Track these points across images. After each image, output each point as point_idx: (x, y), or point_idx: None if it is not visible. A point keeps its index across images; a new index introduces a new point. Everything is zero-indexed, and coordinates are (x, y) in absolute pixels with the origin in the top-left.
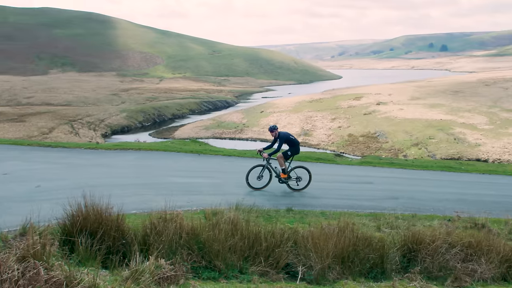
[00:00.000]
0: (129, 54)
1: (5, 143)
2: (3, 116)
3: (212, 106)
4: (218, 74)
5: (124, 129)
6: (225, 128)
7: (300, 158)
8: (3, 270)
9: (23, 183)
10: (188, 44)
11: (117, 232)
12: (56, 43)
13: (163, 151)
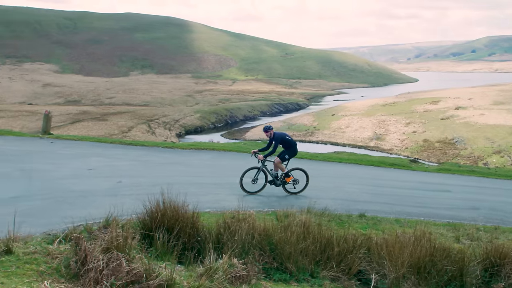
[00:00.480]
0: (204, 57)
1: (90, 140)
2: (87, 115)
3: (283, 108)
4: (290, 77)
5: (197, 129)
6: (295, 130)
7: (373, 163)
8: (90, 260)
9: (106, 178)
10: (261, 47)
11: (192, 229)
12: (137, 47)
13: (236, 151)
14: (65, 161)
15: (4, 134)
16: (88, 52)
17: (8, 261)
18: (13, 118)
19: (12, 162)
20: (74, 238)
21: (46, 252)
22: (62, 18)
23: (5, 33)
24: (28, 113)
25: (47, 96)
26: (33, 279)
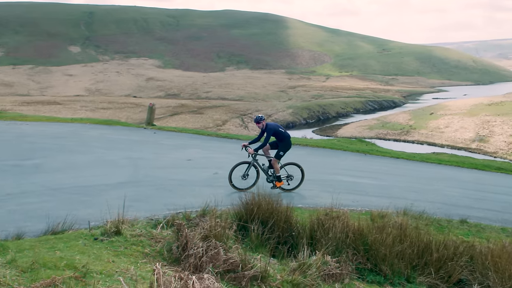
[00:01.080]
0: (299, 53)
1: (189, 132)
2: (185, 108)
3: (378, 105)
4: (386, 73)
5: (289, 125)
6: (390, 129)
7: (477, 166)
8: (190, 246)
9: (204, 169)
10: (357, 43)
11: (286, 223)
12: (234, 43)
13: (329, 148)
14: (166, 151)
15: (113, 124)
16: (188, 48)
17: (117, 242)
18: (119, 109)
19: (120, 150)
20: (176, 225)
21: (150, 235)
22: (166, 16)
23: (115, 31)
24: (133, 105)
25: (149, 89)
26: (139, 260)
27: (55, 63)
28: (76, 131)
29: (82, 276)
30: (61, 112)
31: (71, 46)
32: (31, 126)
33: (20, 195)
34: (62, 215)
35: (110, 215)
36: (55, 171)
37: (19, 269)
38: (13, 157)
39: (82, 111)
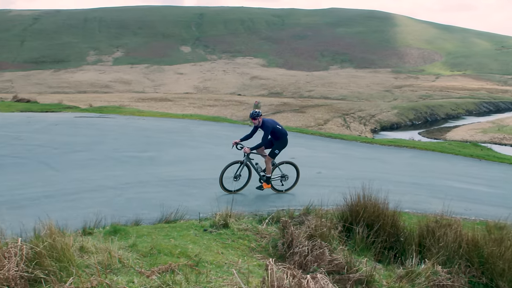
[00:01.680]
0: (406, 51)
1: (292, 131)
2: (287, 106)
3: (493, 107)
4: (505, 73)
5: (393, 126)
6: (507, 133)
7: None
8: (295, 244)
9: (307, 168)
10: (472, 39)
11: (392, 228)
12: (339, 41)
13: (439, 152)
14: None
15: (220, 121)
16: (292, 47)
17: (225, 234)
18: (224, 107)
19: (227, 146)
20: (282, 222)
21: (256, 231)
22: (271, 16)
23: (223, 31)
24: (237, 102)
25: (253, 87)
26: (246, 253)
27: (168, 62)
28: (187, 127)
29: (195, 264)
30: (171, 108)
31: (182, 46)
32: (147, 121)
33: (137, 184)
34: (174, 206)
35: (218, 208)
36: (168, 164)
37: (139, 253)
38: (132, 149)
39: (190, 108)
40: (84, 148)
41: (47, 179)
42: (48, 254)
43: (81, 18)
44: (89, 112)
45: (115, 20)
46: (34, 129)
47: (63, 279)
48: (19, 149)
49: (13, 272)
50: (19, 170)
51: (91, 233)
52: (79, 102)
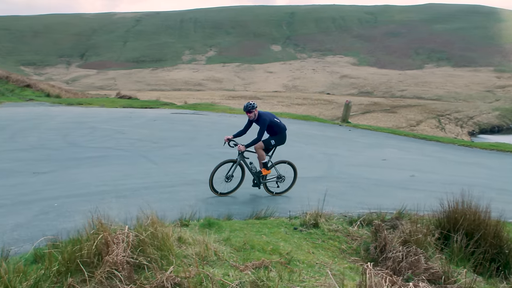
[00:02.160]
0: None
1: (384, 131)
2: (378, 106)
3: None
4: None
5: (494, 128)
6: None
7: None
8: (389, 249)
9: (399, 170)
10: None
11: (495, 239)
12: (435, 38)
13: None
14: (361, 149)
15: (310, 120)
16: (385, 45)
17: (315, 234)
18: (313, 105)
19: (316, 146)
20: (374, 225)
21: (347, 232)
22: (364, 13)
23: (313, 29)
24: (325, 101)
25: (343, 86)
26: (336, 254)
27: (258, 61)
28: None
29: (287, 262)
30: (260, 106)
31: (273, 45)
32: (238, 118)
33: None
34: (264, 203)
35: (308, 207)
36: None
37: (233, 247)
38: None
39: (278, 106)
40: (179, 143)
41: (146, 172)
42: (150, 243)
43: (178, 19)
44: (184, 109)
45: (209, 20)
46: (135, 124)
47: (163, 267)
48: (122, 142)
49: (120, 257)
50: (121, 162)
51: (187, 224)
52: (174, 99)
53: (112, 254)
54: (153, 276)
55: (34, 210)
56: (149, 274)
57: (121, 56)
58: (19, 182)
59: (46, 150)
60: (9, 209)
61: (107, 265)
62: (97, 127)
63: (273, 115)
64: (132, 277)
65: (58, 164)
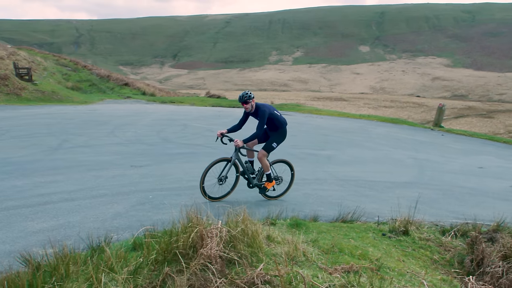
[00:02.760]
0: None
1: (481, 137)
2: (472, 110)
3: None
4: None
5: None
6: None
7: None
8: (486, 263)
9: (497, 180)
10: None
11: None
12: None
13: None
14: (455, 155)
15: (399, 123)
16: (483, 46)
17: (405, 242)
18: (401, 108)
19: (405, 150)
20: (471, 237)
21: (439, 242)
22: (460, 12)
23: (404, 29)
24: (415, 104)
25: (434, 89)
26: (428, 265)
27: (345, 62)
28: (364, 127)
29: (377, 268)
30: (345, 108)
31: (361, 45)
32: (324, 120)
33: (314, 181)
34: (350, 206)
35: (398, 213)
36: (344, 163)
37: (320, 249)
38: (310, 146)
39: (364, 108)
40: None
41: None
42: (241, 239)
43: (267, 20)
44: None
45: (297, 21)
46: (223, 122)
47: (253, 264)
48: (211, 140)
49: (214, 251)
50: (210, 159)
51: (274, 223)
52: (260, 99)
53: (206, 247)
54: (244, 272)
55: (131, 201)
56: (240, 269)
57: (210, 56)
58: (118, 174)
59: (142, 145)
60: (109, 199)
61: (202, 257)
62: (188, 125)
63: (273, 107)
64: (224, 271)
65: (153, 158)
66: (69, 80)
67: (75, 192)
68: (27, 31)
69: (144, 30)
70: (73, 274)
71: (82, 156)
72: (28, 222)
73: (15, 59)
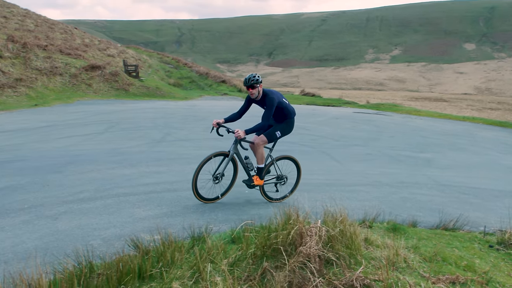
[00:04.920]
0: None
1: None
2: None
3: None
4: None
5: None
6: None
7: None
8: None
9: None
10: None
11: None
12: None
13: None
14: None
15: (508, 127)
16: None
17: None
18: (510, 111)
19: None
20: None
21: None
22: None
23: None
24: None
25: None
26: None
27: (447, 61)
28: (468, 130)
29: (485, 282)
30: (446, 109)
31: (466, 43)
32: (424, 121)
33: (413, 185)
34: (451, 213)
35: (508, 224)
36: (445, 168)
37: (422, 256)
38: (408, 148)
39: (467, 110)
40: (361, 143)
41: (328, 169)
42: (339, 240)
43: (364, 17)
44: (366, 108)
45: (396, 18)
46: (318, 121)
47: (351, 266)
48: (305, 138)
49: (313, 249)
50: (305, 157)
51: (371, 226)
52: (354, 98)
53: (305, 245)
54: (341, 273)
55: (228, 195)
56: (337, 270)
57: (305, 55)
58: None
59: None
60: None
61: (301, 255)
62: None
63: (281, 95)
64: (322, 270)
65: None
66: (171, 77)
67: (176, 183)
68: (135, 30)
69: (241, 29)
70: (178, 261)
71: (182, 149)
72: (135, 209)
73: (124, 57)
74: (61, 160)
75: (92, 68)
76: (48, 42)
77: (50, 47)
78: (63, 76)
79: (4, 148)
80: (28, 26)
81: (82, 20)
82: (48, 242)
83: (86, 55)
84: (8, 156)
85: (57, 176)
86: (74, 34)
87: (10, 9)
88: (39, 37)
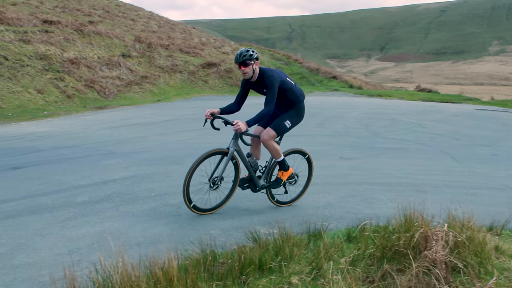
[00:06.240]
0: None
1: None
2: None
3: None
4: None
5: None
6: None
7: None
8: None
9: None
10: None
11: None
12: None
13: None
14: None
15: None
16: None
17: None
18: None
19: None
20: None
21: None
22: None
23: None
24: None
25: None
26: None
27: None
28: None
29: None
30: None
31: None
32: None
33: None
34: None
35: None
36: None
37: None
38: None
39: None
40: (486, 143)
41: (447, 169)
42: (467, 246)
43: (489, 6)
44: (491, 105)
45: None
46: (435, 118)
47: (480, 276)
48: (422, 136)
49: (439, 255)
50: (421, 156)
51: (500, 234)
52: (475, 94)
53: (431, 250)
54: (470, 283)
55: (341, 192)
56: (465, 279)
57: (420, 48)
58: (328, 164)
59: (351, 138)
60: (321, 188)
61: (426, 260)
62: (397, 119)
63: (284, 73)
64: (448, 278)
65: (361, 151)
66: None
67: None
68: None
69: (353, 23)
70: (296, 257)
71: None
72: (251, 202)
73: None
74: (181, 153)
75: (208, 66)
76: (169, 41)
77: (171, 46)
78: (182, 73)
79: (133, 140)
80: (152, 27)
81: (199, 20)
82: (173, 229)
83: (203, 53)
84: (136, 148)
85: (178, 167)
86: (192, 33)
87: (137, 12)
88: (161, 37)
